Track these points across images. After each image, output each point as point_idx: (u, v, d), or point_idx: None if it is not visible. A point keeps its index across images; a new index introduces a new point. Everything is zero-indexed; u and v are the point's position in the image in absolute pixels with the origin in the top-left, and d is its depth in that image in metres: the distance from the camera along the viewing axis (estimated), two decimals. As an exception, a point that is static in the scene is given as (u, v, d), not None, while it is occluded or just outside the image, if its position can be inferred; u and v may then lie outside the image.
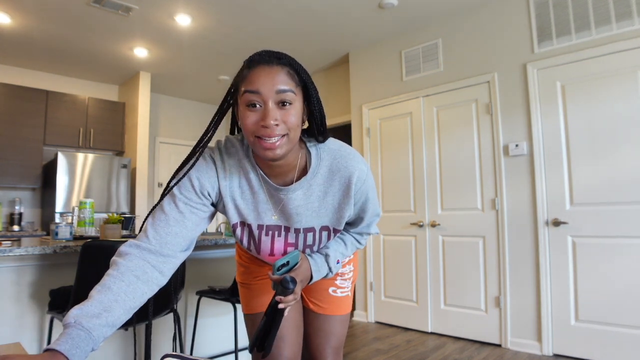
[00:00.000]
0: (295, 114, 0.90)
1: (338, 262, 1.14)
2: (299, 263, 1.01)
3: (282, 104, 0.88)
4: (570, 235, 2.93)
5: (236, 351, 2.10)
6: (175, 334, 1.93)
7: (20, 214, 4.43)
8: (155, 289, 0.93)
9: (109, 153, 5.13)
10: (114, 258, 0.93)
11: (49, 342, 1.80)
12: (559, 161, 3.01)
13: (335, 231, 1.10)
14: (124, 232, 2.62)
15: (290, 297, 0.92)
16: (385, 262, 3.99)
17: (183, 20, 3.68)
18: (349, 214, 1.07)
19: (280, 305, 0.91)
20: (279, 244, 1.09)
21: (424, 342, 3.35)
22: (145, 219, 1.00)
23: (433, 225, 3.65)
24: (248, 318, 1.29)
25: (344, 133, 5.77)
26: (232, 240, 2.34)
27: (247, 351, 2.70)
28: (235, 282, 2.05)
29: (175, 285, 1.83)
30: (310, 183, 1.02)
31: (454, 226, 3.53)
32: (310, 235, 1.08)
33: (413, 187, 3.83)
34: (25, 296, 1.87)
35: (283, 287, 0.90)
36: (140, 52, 4.38)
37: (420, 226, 3.74)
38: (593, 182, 2.85)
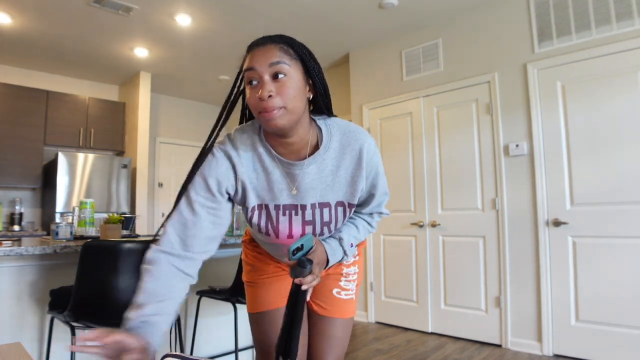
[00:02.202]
0: (291, 85, 0.93)
1: (352, 246, 1.15)
2: (313, 247, 1.01)
3: (275, 76, 0.93)
4: (571, 235, 2.93)
5: (236, 351, 2.10)
6: (174, 333, 1.93)
7: (21, 214, 4.43)
8: (189, 287, 1.00)
9: (109, 153, 5.13)
10: (144, 266, 0.97)
11: (49, 342, 1.81)
12: (559, 161, 3.01)
13: (350, 206, 1.11)
14: (124, 232, 2.62)
15: (309, 277, 0.93)
16: (386, 262, 3.99)
17: (183, 20, 3.68)
18: (362, 187, 1.09)
19: (303, 287, 0.94)
20: (297, 223, 1.10)
21: (424, 342, 3.35)
22: (163, 224, 1.01)
23: (433, 225, 3.65)
24: (253, 318, 1.28)
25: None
26: (232, 240, 2.34)
27: (247, 351, 2.70)
28: (235, 282, 2.05)
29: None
30: (323, 158, 1.06)
31: (454, 226, 3.53)
32: (326, 212, 1.09)
33: (413, 187, 3.83)
34: (25, 296, 1.87)
35: (300, 267, 0.93)
36: (141, 52, 4.38)
37: (421, 226, 3.74)
38: (593, 182, 2.85)
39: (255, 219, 1.09)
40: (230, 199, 1.07)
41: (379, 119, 4.14)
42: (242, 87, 1.02)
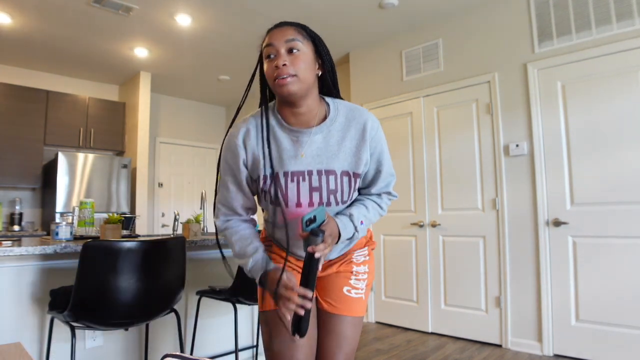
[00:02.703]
0: (303, 59, 1.10)
1: (362, 224, 1.19)
2: (325, 220, 1.08)
3: (290, 50, 1.10)
4: (571, 235, 2.93)
5: (236, 351, 2.10)
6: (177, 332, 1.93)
7: (21, 214, 4.43)
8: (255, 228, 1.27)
9: (109, 153, 5.13)
10: (224, 233, 1.25)
11: (49, 342, 1.81)
12: (559, 161, 3.01)
13: (355, 176, 1.19)
14: (124, 232, 2.62)
15: (321, 246, 1.02)
16: (386, 262, 3.99)
17: (183, 20, 3.68)
18: (366, 159, 1.19)
19: (316, 255, 1.01)
20: (304, 190, 1.16)
21: (424, 342, 3.35)
22: (214, 202, 1.27)
23: (433, 225, 3.65)
24: (263, 317, 1.28)
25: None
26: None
27: (247, 351, 2.70)
28: (235, 282, 2.05)
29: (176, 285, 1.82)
30: (330, 129, 1.17)
31: (455, 226, 3.53)
32: (332, 179, 1.16)
33: (413, 187, 3.83)
34: (25, 296, 1.87)
35: (314, 236, 1.02)
36: (141, 52, 4.38)
37: (421, 226, 3.74)
38: (593, 182, 2.85)
39: (266, 187, 1.18)
40: (253, 180, 1.22)
41: (379, 119, 4.14)
42: (261, 74, 1.19)
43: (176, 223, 2.81)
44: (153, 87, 5.51)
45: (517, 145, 3.19)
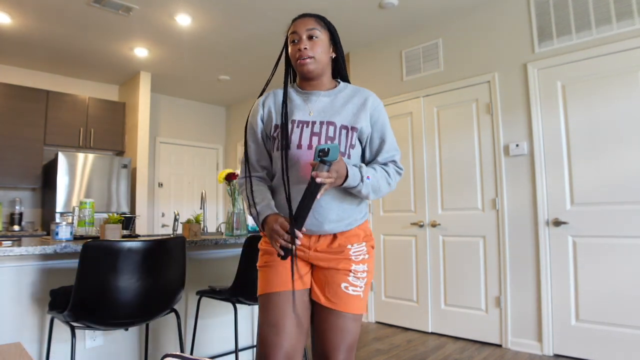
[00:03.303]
0: (321, 45, 1.37)
1: (369, 179, 1.29)
2: (337, 159, 1.18)
3: (310, 37, 1.36)
4: (571, 235, 2.93)
5: (236, 351, 2.10)
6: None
7: (21, 214, 4.43)
8: (267, 185, 1.44)
9: (109, 153, 5.13)
10: (242, 187, 1.44)
11: (49, 342, 1.81)
12: (559, 161, 3.01)
13: (353, 130, 1.35)
14: (124, 232, 2.62)
15: (325, 173, 1.15)
16: (386, 262, 3.99)
17: (183, 20, 3.68)
18: (365, 121, 1.37)
19: (318, 179, 1.13)
20: (306, 134, 1.34)
21: (424, 342, 3.35)
22: (243, 161, 1.47)
23: (433, 225, 3.65)
24: (262, 300, 1.34)
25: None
26: (232, 241, 2.34)
27: (247, 351, 2.70)
28: (235, 282, 2.05)
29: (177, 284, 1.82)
30: (337, 95, 1.40)
31: (455, 226, 3.53)
32: (331, 129, 1.34)
33: (413, 187, 3.83)
34: (25, 296, 1.87)
35: (321, 164, 1.14)
36: (140, 52, 4.38)
37: (421, 226, 3.74)
38: (594, 182, 2.85)
39: (276, 134, 1.37)
40: (267, 136, 1.42)
41: (379, 119, 4.14)
42: (286, 56, 1.44)
43: (176, 223, 2.81)
44: (153, 87, 5.51)
45: (517, 145, 3.19)
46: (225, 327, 2.58)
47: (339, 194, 1.33)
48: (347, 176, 1.24)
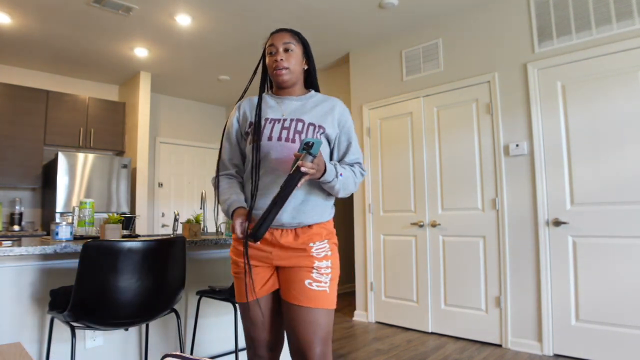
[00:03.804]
0: (295, 57, 1.50)
1: (342, 175, 1.41)
2: (319, 154, 1.29)
3: (286, 50, 1.49)
4: (571, 235, 2.93)
5: (236, 351, 2.10)
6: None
7: (21, 214, 4.43)
8: (240, 182, 1.57)
9: (109, 153, 5.13)
10: (218, 184, 1.56)
11: (49, 342, 1.80)
12: (559, 161, 3.01)
13: (320, 127, 1.48)
14: (124, 232, 2.62)
15: (309, 164, 1.23)
16: (386, 262, 3.99)
17: (183, 20, 3.68)
18: (332, 123, 1.50)
19: (302, 169, 1.22)
20: (277, 128, 1.47)
21: (424, 342, 3.35)
22: (218, 162, 1.61)
23: (433, 225, 3.65)
24: (240, 307, 1.49)
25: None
26: (231, 241, 2.33)
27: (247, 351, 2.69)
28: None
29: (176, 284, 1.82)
30: (308, 100, 1.54)
31: (455, 226, 3.53)
32: (300, 124, 1.47)
33: (413, 187, 3.83)
34: (25, 296, 1.87)
35: (307, 154, 1.21)
36: (140, 52, 4.38)
37: (421, 226, 3.74)
38: (594, 182, 2.85)
39: (249, 129, 1.51)
40: (242, 135, 1.56)
41: (379, 119, 4.14)
42: (262, 63, 1.58)
43: (176, 223, 2.81)
44: (153, 87, 5.51)
45: (517, 145, 3.19)
46: (225, 327, 2.58)
47: (306, 187, 1.43)
48: (325, 171, 1.33)
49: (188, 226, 2.43)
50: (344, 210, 5.97)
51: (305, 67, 1.56)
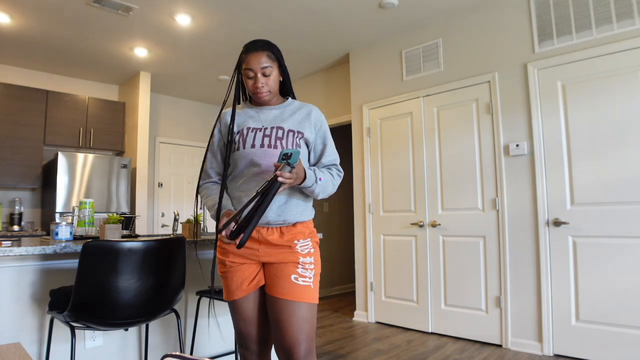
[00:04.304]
0: (273, 79, 1.55)
1: (321, 180, 1.47)
2: (297, 162, 1.33)
3: (264, 74, 1.52)
4: (571, 235, 2.93)
5: (236, 351, 2.09)
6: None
7: (20, 214, 4.43)
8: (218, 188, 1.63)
9: (109, 153, 5.13)
10: (201, 191, 1.66)
11: (49, 343, 1.80)
12: (559, 161, 3.01)
13: (299, 133, 1.55)
14: (124, 232, 2.62)
15: (287, 174, 1.28)
16: (386, 262, 3.98)
17: (183, 20, 3.68)
18: (309, 128, 1.57)
19: (280, 179, 1.26)
20: (259, 136, 1.54)
21: (424, 343, 3.35)
22: (201, 171, 1.68)
23: (433, 225, 3.65)
24: (230, 304, 1.54)
25: (344, 133, 5.77)
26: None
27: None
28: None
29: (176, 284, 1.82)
30: (285, 108, 1.61)
31: (455, 226, 3.53)
32: (280, 131, 1.53)
33: (413, 187, 3.83)
34: (25, 296, 1.87)
35: (286, 164, 1.27)
36: (140, 52, 4.37)
37: (421, 226, 3.74)
38: (594, 182, 2.85)
39: (235, 139, 1.57)
40: (225, 145, 1.62)
41: (379, 119, 4.14)
42: (238, 77, 1.62)
43: (176, 223, 2.80)
44: (153, 87, 5.51)
45: (517, 145, 3.19)
46: (225, 327, 2.58)
47: (288, 189, 1.49)
48: (305, 178, 1.41)
49: (188, 226, 2.43)
50: (344, 210, 5.97)
51: (281, 79, 1.62)
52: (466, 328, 3.40)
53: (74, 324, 1.61)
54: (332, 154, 1.62)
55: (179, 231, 5.53)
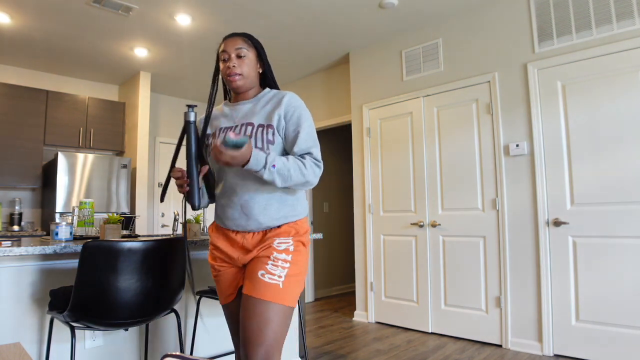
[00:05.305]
0: (248, 63, 1.51)
1: (275, 167, 1.34)
2: (246, 147, 1.28)
3: (239, 56, 1.50)
4: (571, 236, 2.93)
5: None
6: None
7: (20, 214, 4.43)
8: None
9: (109, 153, 5.13)
10: None
11: (49, 343, 1.80)
12: (559, 161, 3.01)
13: (269, 127, 1.46)
14: (124, 232, 2.62)
15: (219, 141, 1.29)
16: (386, 262, 3.98)
17: (183, 20, 3.68)
18: (279, 117, 1.47)
19: (212, 142, 1.46)
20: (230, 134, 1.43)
21: (424, 343, 3.35)
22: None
23: (433, 225, 3.65)
24: (224, 308, 1.55)
25: (344, 133, 5.77)
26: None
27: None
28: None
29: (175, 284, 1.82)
30: (259, 100, 1.54)
31: (455, 226, 3.53)
32: (250, 128, 1.48)
33: (413, 187, 3.83)
34: (25, 296, 1.87)
35: (225, 141, 1.26)
36: (140, 52, 4.37)
37: (421, 226, 3.74)
38: (594, 182, 2.85)
39: (210, 142, 1.55)
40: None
41: (379, 119, 4.14)
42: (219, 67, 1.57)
43: (176, 223, 2.80)
44: (153, 86, 5.51)
45: (517, 145, 3.19)
46: (225, 327, 2.58)
47: (267, 191, 1.44)
48: (249, 161, 1.31)
49: (188, 226, 2.43)
50: (344, 210, 5.97)
51: (260, 71, 1.57)
52: (466, 328, 3.40)
53: (74, 324, 1.61)
54: (306, 141, 1.45)
55: (179, 231, 5.53)
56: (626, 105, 2.75)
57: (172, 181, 5.88)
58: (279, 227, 1.44)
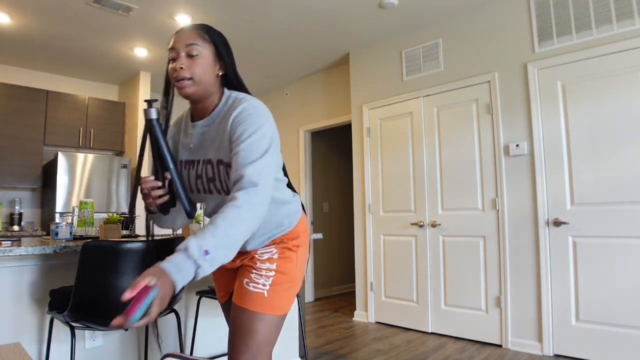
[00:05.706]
0: (201, 64, 1.18)
1: (208, 253, 0.97)
2: (155, 298, 0.89)
3: (189, 55, 1.17)
4: (571, 235, 2.93)
5: (236, 351, 2.09)
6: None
7: (20, 214, 4.43)
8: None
9: (109, 153, 5.13)
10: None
11: (48, 343, 1.80)
12: (559, 161, 3.01)
13: (228, 164, 1.19)
14: (124, 232, 2.62)
15: (146, 319, 0.89)
16: (386, 262, 3.98)
17: (183, 20, 3.68)
18: (229, 139, 1.18)
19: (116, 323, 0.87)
20: (192, 177, 1.29)
21: (424, 343, 3.35)
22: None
23: (433, 225, 3.65)
24: (221, 306, 1.53)
25: (344, 133, 5.77)
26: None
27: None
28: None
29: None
30: (214, 120, 1.24)
31: (455, 226, 3.53)
32: (209, 168, 1.24)
33: (413, 187, 3.83)
34: (25, 296, 1.87)
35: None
36: (140, 52, 4.37)
37: (421, 226, 3.74)
38: (594, 182, 2.85)
39: (183, 173, 1.34)
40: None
41: (379, 119, 4.14)
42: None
43: (176, 223, 2.80)
44: (153, 87, 5.51)
45: (517, 145, 3.19)
46: (225, 327, 2.58)
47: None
48: (176, 282, 0.95)
49: (188, 226, 2.43)
50: (344, 210, 5.97)
51: (220, 73, 1.24)
52: (466, 328, 3.40)
53: (74, 324, 1.61)
54: (244, 159, 1.10)
55: (179, 231, 5.53)
56: (626, 105, 2.75)
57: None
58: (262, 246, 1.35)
